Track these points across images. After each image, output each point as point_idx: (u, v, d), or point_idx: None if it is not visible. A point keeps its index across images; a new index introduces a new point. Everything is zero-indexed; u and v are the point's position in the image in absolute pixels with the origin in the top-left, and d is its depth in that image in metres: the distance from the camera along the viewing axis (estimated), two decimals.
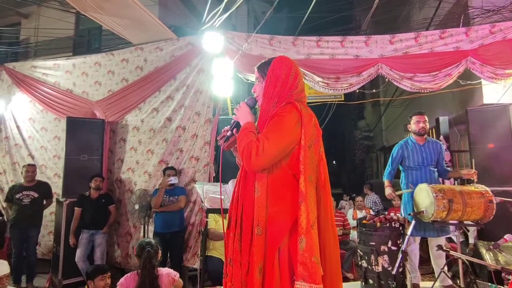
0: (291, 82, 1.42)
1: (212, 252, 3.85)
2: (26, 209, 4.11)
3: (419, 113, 3.39)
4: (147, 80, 4.65)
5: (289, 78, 1.42)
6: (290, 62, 1.46)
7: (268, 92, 1.42)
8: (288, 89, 1.41)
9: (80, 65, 5.14)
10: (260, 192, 1.33)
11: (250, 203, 1.35)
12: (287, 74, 1.42)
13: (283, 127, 1.33)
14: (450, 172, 3.35)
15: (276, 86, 1.41)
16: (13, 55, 7.20)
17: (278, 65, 1.43)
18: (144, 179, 4.51)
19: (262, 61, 1.53)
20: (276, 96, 1.41)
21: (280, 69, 1.42)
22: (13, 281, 3.99)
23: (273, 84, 1.41)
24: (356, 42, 4.28)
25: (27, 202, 4.14)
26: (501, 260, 2.92)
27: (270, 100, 1.41)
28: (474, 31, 4.09)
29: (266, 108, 1.42)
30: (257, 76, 1.53)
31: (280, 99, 1.40)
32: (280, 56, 1.48)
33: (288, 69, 1.42)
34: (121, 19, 4.25)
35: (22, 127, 5.42)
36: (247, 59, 4.32)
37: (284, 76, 1.41)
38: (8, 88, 5.60)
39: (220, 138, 1.54)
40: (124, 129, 4.76)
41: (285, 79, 1.41)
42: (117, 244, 4.59)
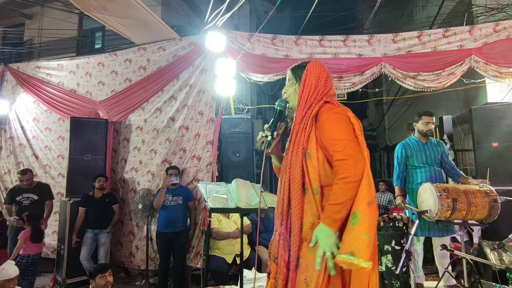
0: (324, 86, 1.48)
1: (215, 251, 3.87)
2: (26, 210, 4.08)
3: (429, 114, 3.31)
4: (150, 80, 4.66)
5: (322, 83, 1.48)
6: (323, 67, 1.52)
7: (304, 96, 1.47)
8: (321, 93, 1.47)
9: (84, 65, 5.17)
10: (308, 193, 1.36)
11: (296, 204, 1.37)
12: (320, 79, 1.48)
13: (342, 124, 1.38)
14: (462, 177, 3.23)
15: (310, 90, 1.46)
16: (17, 55, 7.25)
17: (313, 70, 1.49)
18: (147, 178, 4.53)
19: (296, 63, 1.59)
20: (311, 100, 1.46)
21: (314, 74, 1.48)
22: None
23: (308, 88, 1.47)
24: (359, 41, 4.27)
25: (27, 204, 4.14)
26: (505, 259, 2.90)
27: (306, 103, 1.46)
28: (478, 29, 4.06)
29: (302, 111, 1.46)
30: (289, 77, 1.57)
31: (314, 102, 1.45)
32: (314, 62, 1.53)
33: (321, 74, 1.49)
34: (124, 19, 4.26)
35: (26, 127, 5.46)
36: (249, 58, 4.32)
37: (318, 81, 1.47)
38: (12, 89, 5.63)
39: (260, 143, 1.54)
40: (127, 129, 4.78)
41: (318, 83, 1.47)
42: (120, 244, 4.61)
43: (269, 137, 1.51)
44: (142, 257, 4.35)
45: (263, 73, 4.33)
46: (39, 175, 5.22)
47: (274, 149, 1.56)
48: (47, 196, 4.34)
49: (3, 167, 5.52)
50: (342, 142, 1.33)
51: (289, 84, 1.57)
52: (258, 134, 1.57)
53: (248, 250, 3.98)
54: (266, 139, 1.52)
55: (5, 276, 2.48)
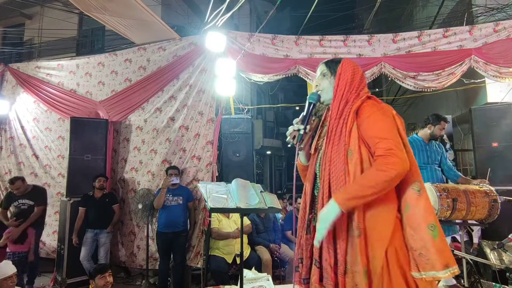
0: (359, 82, 1.44)
1: (215, 251, 3.87)
2: (25, 212, 4.05)
3: (447, 121, 3.38)
4: (150, 80, 4.66)
5: (358, 78, 1.45)
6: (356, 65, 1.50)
7: (339, 89, 1.43)
8: (357, 88, 1.43)
9: (84, 65, 5.17)
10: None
11: None
12: (356, 75, 1.45)
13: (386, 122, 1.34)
14: (461, 178, 3.24)
15: (346, 84, 1.42)
16: (17, 55, 7.26)
17: (348, 65, 1.46)
18: (147, 178, 4.53)
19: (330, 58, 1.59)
20: (347, 94, 1.42)
21: (350, 69, 1.45)
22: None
23: (344, 82, 1.43)
24: (359, 41, 4.27)
25: (25, 208, 4.10)
26: (505, 259, 2.90)
27: (342, 97, 1.42)
28: (478, 29, 4.06)
29: (338, 105, 1.42)
30: (323, 71, 1.52)
31: (351, 97, 1.41)
32: (347, 59, 1.51)
33: (356, 70, 1.46)
34: (124, 19, 4.26)
35: (26, 127, 5.46)
36: (249, 58, 4.32)
37: (353, 75, 1.44)
38: (12, 89, 5.63)
39: (291, 137, 1.46)
40: (127, 129, 4.78)
41: (354, 79, 1.44)
42: (121, 243, 4.61)
43: (302, 130, 1.44)
44: (143, 257, 4.35)
45: (263, 73, 4.33)
46: (39, 175, 5.23)
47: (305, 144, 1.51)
48: (39, 201, 4.20)
49: (3, 167, 5.52)
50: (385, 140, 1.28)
51: (322, 77, 1.52)
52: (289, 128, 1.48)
53: (248, 250, 3.98)
54: (298, 133, 1.44)
55: (2, 275, 2.48)
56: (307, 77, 4.27)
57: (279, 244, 4.19)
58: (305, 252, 1.45)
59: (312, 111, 1.48)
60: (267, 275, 2.78)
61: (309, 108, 1.48)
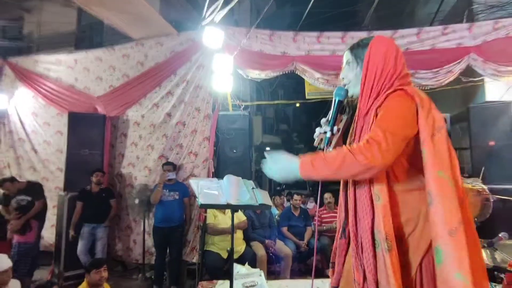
0: (394, 67, 1.19)
1: (210, 247, 3.90)
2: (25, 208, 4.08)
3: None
4: (147, 75, 4.66)
5: (392, 62, 1.19)
6: (389, 43, 1.23)
7: (368, 82, 1.20)
8: (391, 76, 1.19)
9: (82, 60, 5.16)
10: (382, 199, 1.12)
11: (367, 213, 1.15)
12: (388, 59, 1.19)
13: (397, 116, 1.11)
14: None
15: (376, 74, 1.19)
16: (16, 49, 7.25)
17: (378, 48, 1.21)
18: (144, 174, 4.55)
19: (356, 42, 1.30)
20: (378, 87, 1.19)
21: (380, 53, 1.19)
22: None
23: (373, 72, 1.19)
24: (358, 38, 4.13)
25: (24, 204, 4.13)
26: (497, 258, 2.91)
27: (371, 92, 1.20)
28: (477, 27, 4.03)
29: (366, 102, 1.21)
30: (348, 60, 1.29)
31: (382, 89, 1.19)
32: (379, 37, 1.25)
33: (389, 51, 1.20)
34: (122, 13, 4.25)
35: (25, 121, 5.48)
36: (247, 55, 4.31)
37: (385, 60, 1.19)
38: (11, 83, 5.64)
39: (318, 142, 1.30)
40: (125, 124, 4.79)
41: (387, 64, 1.18)
42: (118, 238, 4.65)
43: (328, 133, 1.26)
44: (140, 251, 4.39)
45: (260, 70, 4.32)
46: (38, 169, 5.27)
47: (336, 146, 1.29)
48: (37, 196, 4.14)
49: (2, 161, 5.55)
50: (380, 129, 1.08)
51: (347, 68, 1.29)
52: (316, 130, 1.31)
53: (244, 245, 4.01)
54: (325, 136, 1.27)
55: None
56: (305, 74, 4.27)
57: (274, 240, 4.22)
58: (338, 258, 1.32)
59: (339, 109, 1.29)
60: (260, 270, 2.80)
61: (335, 106, 1.28)
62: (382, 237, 1.09)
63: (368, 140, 1.07)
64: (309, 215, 5.11)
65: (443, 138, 1.10)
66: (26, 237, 3.87)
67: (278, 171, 1.19)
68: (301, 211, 4.88)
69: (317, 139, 1.30)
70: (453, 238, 1.00)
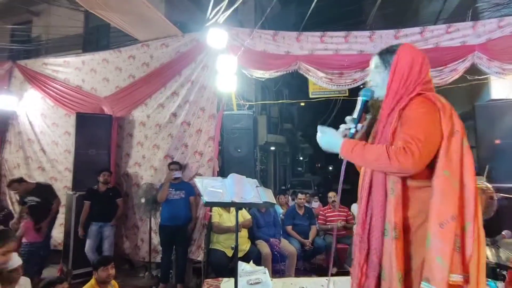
0: (418, 74, 1.30)
1: (215, 245, 3.94)
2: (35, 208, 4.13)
3: None
4: (153, 76, 4.73)
5: (417, 69, 1.30)
6: (416, 52, 1.35)
7: (393, 86, 1.31)
8: (414, 82, 1.30)
9: (89, 61, 5.26)
10: (396, 193, 1.23)
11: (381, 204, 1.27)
12: (414, 66, 1.30)
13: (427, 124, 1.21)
14: None
15: (402, 80, 1.30)
16: (25, 52, 7.40)
17: (405, 55, 1.32)
18: (150, 173, 4.62)
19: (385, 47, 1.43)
20: (401, 91, 1.30)
21: (407, 60, 1.31)
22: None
23: (398, 77, 1.30)
24: (361, 37, 4.26)
25: (34, 204, 4.17)
26: (502, 256, 2.90)
27: (395, 95, 1.30)
28: (481, 25, 4.01)
29: (390, 104, 1.31)
30: (377, 64, 1.41)
31: (405, 93, 1.29)
32: (406, 45, 1.37)
33: (416, 60, 1.31)
34: (128, 16, 4.32)
35: (34, 122, 5.59)
36: (251, 55, 4.34)
37: (411, 68, 1.30)
38: (20, 85, 5.77)
39: (342, 136, 1.39)
40: (131, 124, 4.86)
41: (412, 71, 1.30)
42: (125, 236, 4.72)
43: (353, 129, 1.37)
44: (146, 250, 4.46)
45: (264, 70, 4.35)
46: (46, 169, 5.37)
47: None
48: (50, 197, 4.25)
49: (12, 161, 5.68)
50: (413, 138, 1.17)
51: (375, 71, 1.40)
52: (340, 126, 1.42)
53: (248, 244, 4.05)
54: (349, 132, 1.38)
55: (9, 267, 2.56)
56: (308, 73, 4.29)
57: (279, 239, 4.25)
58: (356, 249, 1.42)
59: (364, 108, 1.40)
60: (264, 268, 2.83)
61: (361, 106, 1.40)
62: (391, 227, 1.21)
63: (405, 148, 1.17)
64: (314, 214, 5.13)
65: (458, 141, 1.21)
66: (35, 236, 3.96)
67: (324, 142, 1.38)
68: (305, 209, 4.91)
69: (341, 134, 1.41)
70: (442, 230, 1.14)
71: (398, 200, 1.22)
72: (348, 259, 4.62)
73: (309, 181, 16.92)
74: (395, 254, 1.18)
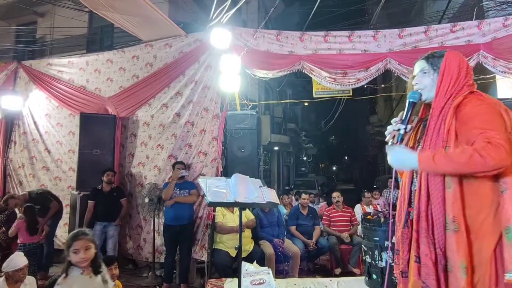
0: (465, 77, 1.39)
1: (219, 245, 3.94)
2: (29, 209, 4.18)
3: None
4: (156, 76, 4.74)
5: (464, 73, 1.39)
6: (461, 57, 1.44)
7: (443, 86, 1.39)
8: (462, 83, 1.38)
9: (93, 62, 5.29)
10: (453, 187, 1.27)
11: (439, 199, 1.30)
12: (462, 69, 1.39)
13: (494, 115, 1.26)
14: None
15: (451, 80, 1.38)
16: (29, 53, 7.46)
17: (453, 59, 1.41)
18: (154, 173, 4.63)
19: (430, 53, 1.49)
20: (451, 91, 1.37)
21: (455, 64, 1.40)
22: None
23: (448, 78, 1.38)
24: (364, 37, 4.24)
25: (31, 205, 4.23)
26: None
27: (445, 94, 1.38)
28: (486, 24, 3.98)
29: (441, 103, 1.38)
30: (423, 67, 1.47)
31: (454, 93, 1.37)
32: (451, 51, 1.45)
33: (462, 64, 1.40)
34: (131, 17, 4.34)
35: (39, 122, 5.63)
36: (254, 55, 4.34)
37: (459, 70, 1.39)
38: (25, 85, 5.81)
39: (390, 137, 1.46)
40: (135, 125, 4.88)
41: (460, 74, 1.38)
42: (129, 236, 4.74)
43: (402, 130, 1.43)
44: (149, 250, 4.47)
45: (268, 69, 4.35)
46: (51, 169, 5.41)
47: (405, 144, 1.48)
48: (47, 203, 4.30)
49: (17, 161, 5.72)
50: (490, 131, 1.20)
51: (422, 75, 1.46)
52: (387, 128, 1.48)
53: (252, 244, 4.05)
54: (398, 133, 1.44)
55: (14, 267, 2.58)
56: (312, 73, 4.28)
57: (282, 239, 4.24)
58: (402, 246, 1.46)
59: (412, 110, 1.46)
60: (268, 268, 2.82)
61: (409, 107, 1.46)
62: (450, 220, 1.26)
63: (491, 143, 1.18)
64: (317, 214, 5.12)
65: None
66: (28, 237, 3.96)
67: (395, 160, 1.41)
68: (309, 210, 4.89)
69: (390, 135, 1.47)
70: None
71: (455, 194, 1.26)
72: (352, 260, 4.61)
73: (312, 181, 16.90)
74: (456, 246, 1.23)
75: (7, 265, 2.58)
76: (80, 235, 1.90)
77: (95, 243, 1.93)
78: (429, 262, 1.29)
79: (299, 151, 25.87)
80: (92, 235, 2.00)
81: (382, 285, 2.92)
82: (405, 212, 1.46)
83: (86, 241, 1.88)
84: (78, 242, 1.85)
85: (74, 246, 1.84)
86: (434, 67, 1.44)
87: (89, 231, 1.99)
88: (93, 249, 1.89)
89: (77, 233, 1.93)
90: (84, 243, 1.86)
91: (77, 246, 1.84)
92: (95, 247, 1.91)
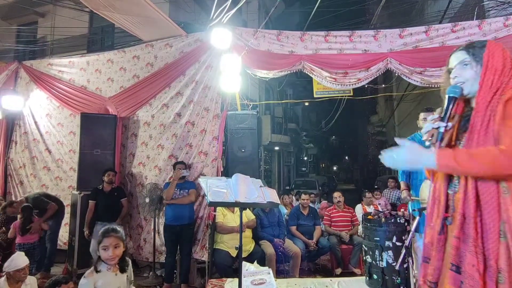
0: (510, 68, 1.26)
1: (219, 245, 3.94)
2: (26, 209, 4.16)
3: (426, 110, 3.26)
4: (157, 76, 4.74)
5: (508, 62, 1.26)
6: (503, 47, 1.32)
7: (488, 78, 1.25)
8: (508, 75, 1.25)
9: (94, 62, 5.29)
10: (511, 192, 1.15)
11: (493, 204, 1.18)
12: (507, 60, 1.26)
13: None
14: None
15: (497, 72, 1.24)
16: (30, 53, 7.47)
17: (497, 49, 1.28)
18: (154, 173, 4.63)
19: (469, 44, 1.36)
20: (497, 83, 1.24)
21: (499, 54, 1.27)
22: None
23: (493, 70, 1.25)
24: (365, 37, 4.23)
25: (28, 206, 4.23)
26: None
27: (491, 87, 1.24)
28: (487, 24, 3.97)
29: (486, 96, 1.25)
30: (463, 59, 1.33)
31: (501, 85, 1.24)
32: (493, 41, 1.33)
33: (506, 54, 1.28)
34: (132, 17, 4.34)
35: (39, 122, 5.64)
36: (255, 54, 4.34)
37: (505, 61, 1.25)
38: (26, 85, 5.82)
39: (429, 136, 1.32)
40: (135, 125, 4.88)
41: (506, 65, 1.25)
42: (129, 236, 4.73)
43: (442, 128, 1.30)
44: (150, 250, 4.47)
45: (268, 69, 4.35)
46: (52, 169, 5.41)
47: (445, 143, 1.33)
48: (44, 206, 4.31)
49: (18, 161, 5.72)
50: None
51: (462, 67, 1.33)
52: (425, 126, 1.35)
53: (253, 244, 4.05)
54: (438, 131, 1.30)
55: (15, 267, 2.59)
56: (312, 73, 4.28)
57: (283, 239, 4.24)
58: (437, 254, 1.33)
59: (453, 106, 1.33)
60: (268, 268, 2.83)
61: (449, 103, 1.32)
62: (508, 228, 1.14)
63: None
64: (318, 214, 5.12)
65: None
66: (25, 238, 4.01)
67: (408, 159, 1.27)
68: (310, 210, 4.89)
69: (428, 134, 1.33)
70: None
71: None
72: (352, 260, 4.61)
73: (313, 181, 16.90)
74: None
75: (8, 265, 2.59)
76: (110, 232, 1.89)
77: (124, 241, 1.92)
78: (476, 274, 1.17)
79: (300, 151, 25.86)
80: (122, 233, 1.99)
81: (383, 285, 2.92)
82: (442, 218, 1.33)
83: (116, 238, 1.87)
84: (107, 239, 1.84)
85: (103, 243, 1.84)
86: (476, 58, 1.30)
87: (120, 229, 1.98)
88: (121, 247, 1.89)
89: (107, 229, 1.92)
90: (114, 240, 1.85)
91: (107, 243, 1.83)
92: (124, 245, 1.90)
